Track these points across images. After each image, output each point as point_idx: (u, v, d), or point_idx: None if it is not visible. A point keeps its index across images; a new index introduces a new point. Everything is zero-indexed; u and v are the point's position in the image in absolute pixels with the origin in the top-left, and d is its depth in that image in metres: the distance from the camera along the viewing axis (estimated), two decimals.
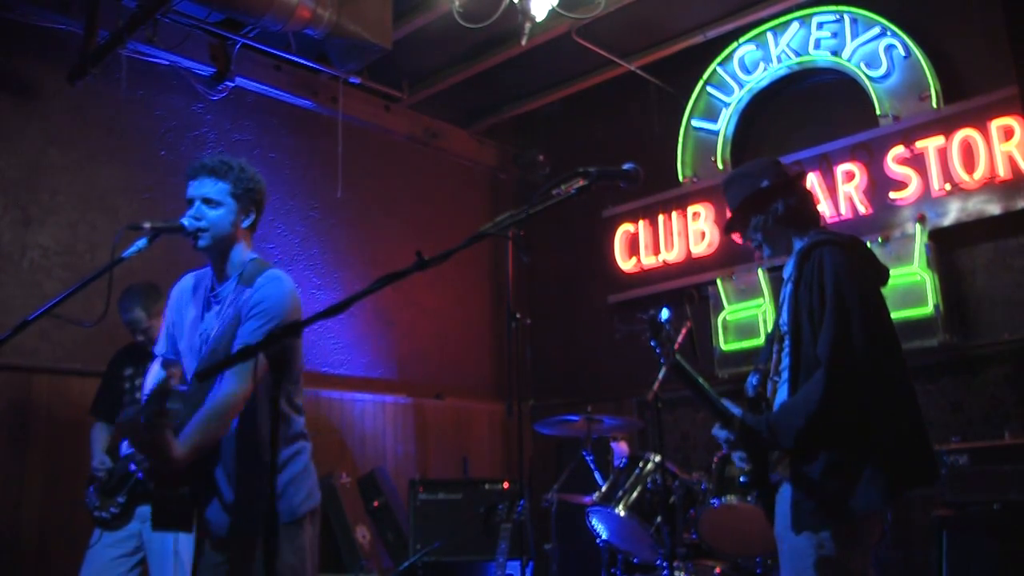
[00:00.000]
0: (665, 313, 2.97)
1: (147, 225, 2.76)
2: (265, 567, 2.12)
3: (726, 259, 6.48)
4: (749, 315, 6.28)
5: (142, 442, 2.50)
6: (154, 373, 3.01)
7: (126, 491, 4.29)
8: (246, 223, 2.91)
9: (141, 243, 2.78)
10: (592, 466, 4.99)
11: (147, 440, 2.46)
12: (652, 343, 2.93)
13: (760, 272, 6.24)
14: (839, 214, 5.91)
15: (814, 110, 6.41)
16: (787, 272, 2.98)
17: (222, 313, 2.83)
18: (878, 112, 5.92)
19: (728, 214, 3.13)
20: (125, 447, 4.40)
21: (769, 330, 3.17)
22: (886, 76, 5.92)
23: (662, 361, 2.89)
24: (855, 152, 5.94)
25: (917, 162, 5.67)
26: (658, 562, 4.48)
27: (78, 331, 4.87)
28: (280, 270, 2.89)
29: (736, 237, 3.18)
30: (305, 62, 6.25)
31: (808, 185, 3.15)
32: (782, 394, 2.86)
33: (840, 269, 2.76)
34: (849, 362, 2.66)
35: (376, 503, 5.94)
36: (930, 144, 5.62)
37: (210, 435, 2.61)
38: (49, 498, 4.88)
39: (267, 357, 2.16)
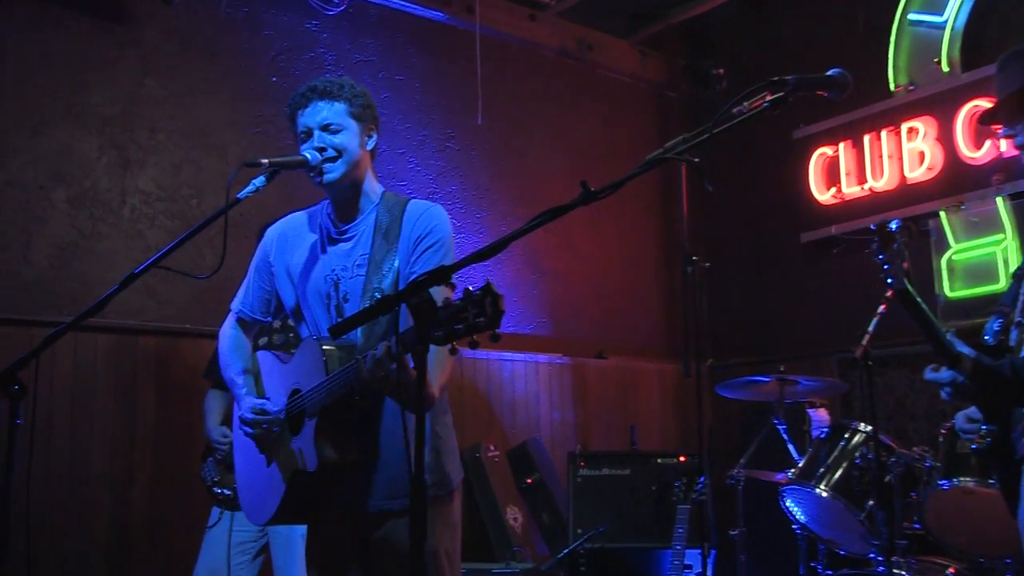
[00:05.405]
0: (895, 223, 2.87)
1: (265, 161, 2.76)
2: (412, 549, 2.05)
3: (952, 186, 6.06)
4: (984, 254, 5.89)
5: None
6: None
7: None
8: (370, 145, 2.93)
9: (259, 181, 2.77)
10: (785, 437, 4.96)
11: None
12: (880, 257, 2.81)
13: (999, 201, 5.79)
14: None
15: None
16: None
17: (353, 253, 2.85)
18: None
19: (995, 98, 2.97)
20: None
21: (1014, 268, 3.02)
22: None
23: (889, 282, 2.76)
24: None
25: None
26: (871, 555, 4.38)
27: (189, 286, 4.99)
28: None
29: (995, 128, 3.04)
30: None
31: None
32: None
33: None
34: None
35: (529, 480, 6.01)
36: None
37: (441, 378, 2.83)
38: (160, 474, 5.04)
39: (409, 307, 2.12)
